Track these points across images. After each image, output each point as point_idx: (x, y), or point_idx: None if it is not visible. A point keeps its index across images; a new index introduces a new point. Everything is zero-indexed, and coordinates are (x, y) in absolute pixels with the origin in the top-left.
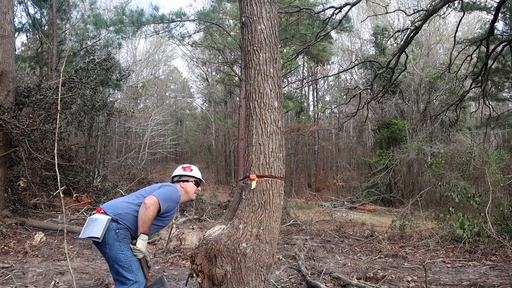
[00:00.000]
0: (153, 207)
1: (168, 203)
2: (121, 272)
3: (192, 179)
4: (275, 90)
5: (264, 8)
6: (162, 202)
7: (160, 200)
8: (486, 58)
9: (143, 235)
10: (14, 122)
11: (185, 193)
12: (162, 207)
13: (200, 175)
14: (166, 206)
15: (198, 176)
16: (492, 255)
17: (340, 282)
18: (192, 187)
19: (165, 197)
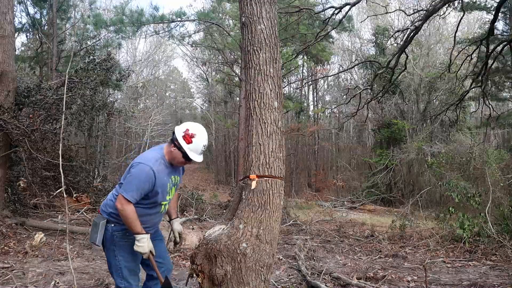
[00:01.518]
0: (124, 206)
1: (139, 189)
2: (113, 276)
3: (183, 151)
4: (275, 90)
5: (264, 8)
6: (129, 194)
7: (126, 194)
8: (486, 58)
9: (137, 236)
10: (14, 122)
11: (171, 157)
12: (133, 198)
13: (195, 156)
14: (139, 193)
15: (192, 156)
16: (492, 255)
17: (340, 282)
18: (179, 158)
19: (131, 187)
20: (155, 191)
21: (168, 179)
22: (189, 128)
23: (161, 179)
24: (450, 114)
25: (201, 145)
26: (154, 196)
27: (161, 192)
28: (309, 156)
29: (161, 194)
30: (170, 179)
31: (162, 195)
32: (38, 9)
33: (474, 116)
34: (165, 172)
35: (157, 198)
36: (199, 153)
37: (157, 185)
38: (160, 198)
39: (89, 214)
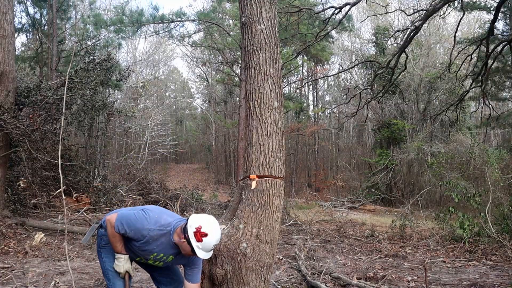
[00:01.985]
0: (109, 223)
1: (129, 228)
2: (103, 276)
3: (192, 246)
4: (275, 90)
5: (264, 8)
6: (118, 222)
7: (118, 219)
8: (486, 58)
9: (117, 254)
10: (14, 122)
11: (179, 244)
12: (118, 228)
13: (203, 254)
14: (125, 230)
15: (200, 255)
16: (492, 255)
17: (340, 282)
18: (187, 251)
19: (125, 219)
20: (139, 243)
21: (157, 250)
22: (202, 226)
23: (150, 244)
24: (450, 114)
25: (212, 244)
26: (141, 247)
27: (142, 250)
28: (309, 156)
29: (141, 252)
30: (160, 254)
31: (141, 254)
32: (38, 9)
33: (474, 116)
34: (161, 245)
35: (146, 250)
36: (208, 250)
37: (142, 243)
38: (140, 253)
39: (89, 214)
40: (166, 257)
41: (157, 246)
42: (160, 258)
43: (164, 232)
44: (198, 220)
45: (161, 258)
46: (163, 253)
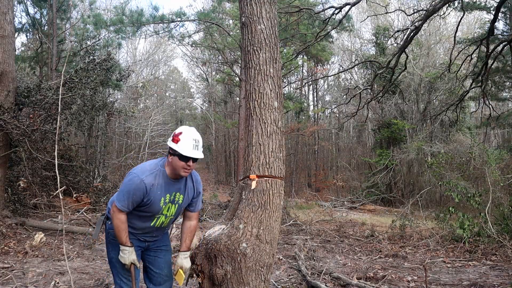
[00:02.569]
0: (115, 214)
1: (129, 199)
2: (110, 269)
3: (178, 152)
4: (275, 90)
5: (264, 8)
6: (121, 204)
7: (118, 203)
8: (486, 58)
9: (121, 246)
10: (14, 122)
11: (172, 168)
12: (125, 208)
13: (187, 150)
14: (131, 203)
15: (184, 152)
16: (492, 255)
17: (340, 282)
18: (178, 162)
19: (122, 196)
20: (145, 203)
21: (163, 194)
22: (176, 131)
23: (155, 194)
24: (450, 114)
25: (190, 139)
26: (146, 209)
27: (151, 205)
28: (309, 156)
29: (151, 207)
30: (166, 195)
31: (153, 209)
32: (38, 9)
33: (474, 116)
34: (162, 186)
35: (147, 210)
36: (192, 148)
37: (149, 198)
38: (151, 210)
39: (89, 214)
40: (173, 196)
41: (160, 190)
42: (170, 200)
43: (157, 172)
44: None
45: (172, 200)
46: (168, 194)
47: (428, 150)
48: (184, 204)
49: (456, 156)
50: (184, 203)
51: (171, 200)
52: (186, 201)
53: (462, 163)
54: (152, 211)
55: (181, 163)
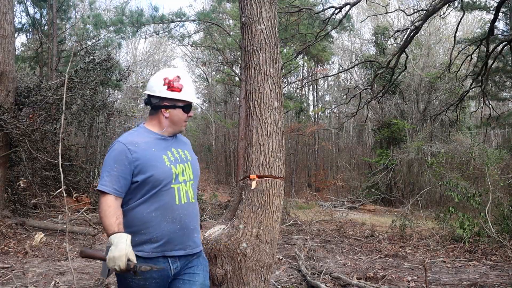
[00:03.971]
0: (100, 200)
1: (112, 173)
2: None
3: (181, 103)
4: (275, 90)
5: (264, 8)
6: (102, 183)
7: (100, 185)
8: (486, 58)
9: (111, 238)
10: (14, 122)
11: (169, 125)
12: (110, 188)
13: (192, 94)
14: (117, 179)
15: (189, 98)
16: (492, 255)
17: (340, 282)
18: (181, 115)
19: (104, 173)
20: (145, 170)
21: (161, 151)
22: (167, 76)
23: (146, 152)
24: (450, 114)
25: (191, 82)
26: (149, 177)
27: (155, 168)
28: (309, 156)
29: (157, 171)
30: (167, 152)
31: (161, 173)
32: (38, 9)
33: (474, 116)
34: (151, 143)
35: (156, 178)
36: (195, 93)
37: (141, 160)
38: (162, 177)
39: (89, 214)
40: (177, 153)
41: (152, 146)
42: (177, 159)
43: (137, 131)
44: (157, 78)
45: (180, 159)
46: (169, 151)
47: (428, 150)
48: (195, 161)
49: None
50: (193, 159)
51: (178, 159)
52: (194, 157)
53: (462, 163)
54: (163, 177)
55: (185, 115)
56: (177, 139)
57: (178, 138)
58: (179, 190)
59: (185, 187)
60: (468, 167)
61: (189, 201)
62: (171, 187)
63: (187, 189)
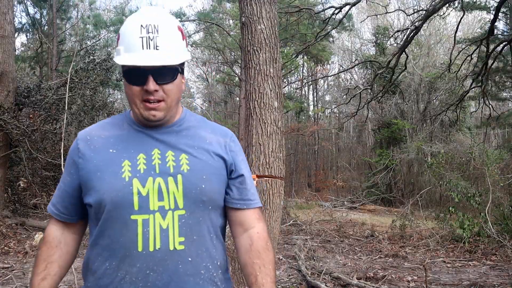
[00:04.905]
0: None
1: (60, 187)
2: None
3: (124, 69)
4: (275, 90)
5: (264, 8)
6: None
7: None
8: (486, 58)
9: None
10: (14, 122)
11: (131, 107)
12: (53, 206)
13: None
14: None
15: (123, 60)
16: (492, 255)
17: (340, 282)
18: (128, 89)
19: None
20: (88, 184)
21: (126, 154)
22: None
23: (97, 155)
24: (450, 114)
25: (136, 27)
26: (93, 198)
27: (105, 184)
28: (309, 156)
29: (105, 191)
30: (136, 155)
31: (112, 192)
32: (38, 9)
33: (474, 116)
34: (118, 138)
35: (100, 200)
36: (140, 45)
37: (86, 169)
38: (109, 197)
39: None
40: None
41: (112, 145)
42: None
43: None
44: None
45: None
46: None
47: (428, 150)
48: (198, 176)
49: (456, 156)
50: (198, 172)
51: (157, 169)
52: (203, 169)
53: (462, 163)
54: (110, 199)
55: (132, 89)
56: (188, 130)
57: (191, 128)
58: (145, 225)
59: (161, 220)
60: (468, 167)
61: (166, 247)
62: (129, 219)
63: (165, 224)
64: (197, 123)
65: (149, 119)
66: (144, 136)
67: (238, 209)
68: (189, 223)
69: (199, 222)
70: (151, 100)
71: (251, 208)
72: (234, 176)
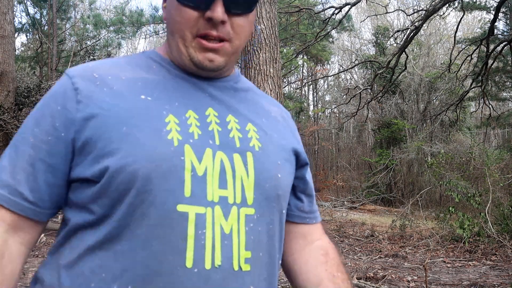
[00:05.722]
0: None
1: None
2: None
3: None
4: (275, 90)
5: (264, 8)
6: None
7: None
8: (486, 58)
9: None
10: (14, 122)
11: (170, 40)
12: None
13: None
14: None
15: None
16: (492, 255)
17: None
18: (176, 11)
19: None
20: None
21: (169, 106)
22: None
23: (118, 100)
24: (450, 114)
25: None
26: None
27: (142, 146)
28: (309, 156)
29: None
30: (185, 111)
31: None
32: (38, 9)
33: (474, 116)
34: (151, 83)
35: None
36: None
37: (99, 118)
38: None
39: None
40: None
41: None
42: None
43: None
44: None
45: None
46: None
47: (428, 150)
48: (273, 159)
49: (456, 156)
50: (272, 154)
51: (211, 134)
52: (276, 151)
53: (462, 163)
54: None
55: (185, 13)
56: (247, 92)
57: (250, 91)
58: (200, 224)
59: (223, 220)
60: (468, 167)
61: (230, 265)
62: (175, 211)
63: (227, 228)
64: (252, 86)
65: (203, 66)
66: (190, 86)
67: (305, 223)
68: (258, 230)
69: (269, 231)
70: (211, 37)
71: (319, 222)
72: (300, 165)
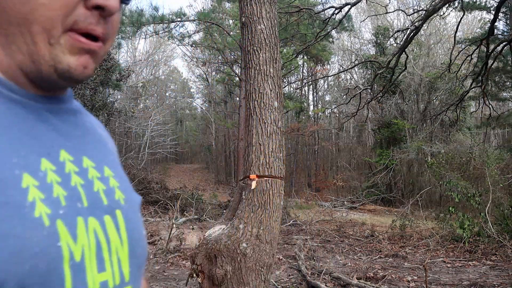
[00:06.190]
0: None
1: None
2: None
3: None
4: (275, 90)
5: (264, 8)
6: None
7: None
8: (486, 58)
9: None
10: None
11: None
12: None
13: None
14: None
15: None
16: (492, 255)
17: (340, 282)
18: None
19: None
20: None
21: (27, 158)
22: None
23: None
24: (450, 114)
25: None
26: None
27: (7, 232)
28: (309, 156)
29: (13, 256)
30: (38, 160)
31: (33, 260)
32: None
33: (474, 116)
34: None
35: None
36: None
37: None
38: (24, 274)
39: None
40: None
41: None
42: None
43: None
44: None
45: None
46: (30, 172)
47: (428, 150)
48: (136, 213)
49: (456, 156)
50: (134, 205)
51: (75, 191)
52: (134, 199)
53: (462, 163)
54: (12, 273)
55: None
56: (76, 116)
57: (78, 114)
58: None
59: None
60: (468, 167)
61: None
62: None
63: None
64: (76, 102)
65: (72, 75)
66: (33, 117)
67: None
68: None
69: None
70: (93, 34)
71: None
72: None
